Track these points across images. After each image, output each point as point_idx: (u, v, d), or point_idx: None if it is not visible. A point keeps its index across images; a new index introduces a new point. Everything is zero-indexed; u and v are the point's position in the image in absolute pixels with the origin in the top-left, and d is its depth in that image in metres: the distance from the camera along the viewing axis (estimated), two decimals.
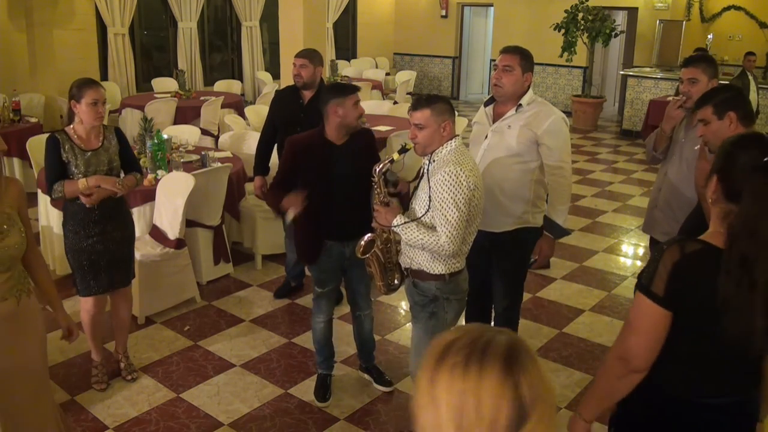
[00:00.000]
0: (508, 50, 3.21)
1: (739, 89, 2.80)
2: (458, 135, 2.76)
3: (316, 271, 3.44)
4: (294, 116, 4.27)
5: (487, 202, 3.13)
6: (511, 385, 0.80)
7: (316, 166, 3.23)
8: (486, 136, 3.28)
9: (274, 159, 4.60)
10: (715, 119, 2.62)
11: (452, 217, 2.59)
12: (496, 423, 0.78)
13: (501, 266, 3.42)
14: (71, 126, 3.41)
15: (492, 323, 3.65)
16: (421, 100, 2.73)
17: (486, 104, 3.36)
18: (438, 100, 2.72)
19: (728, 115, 2.58)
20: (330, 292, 3.52)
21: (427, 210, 2.67)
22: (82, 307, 3.59)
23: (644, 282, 1.75)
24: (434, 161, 2.71)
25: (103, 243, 3.45)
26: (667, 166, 3.34)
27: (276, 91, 4.62)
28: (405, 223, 2.71)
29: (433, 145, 2.71)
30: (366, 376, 3.75)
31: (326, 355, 3.61)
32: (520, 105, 3.17)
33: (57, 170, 3.33)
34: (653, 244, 3.49)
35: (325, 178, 3.20)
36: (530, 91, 3.21)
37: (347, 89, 3.25)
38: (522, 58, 3.16)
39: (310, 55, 4.33)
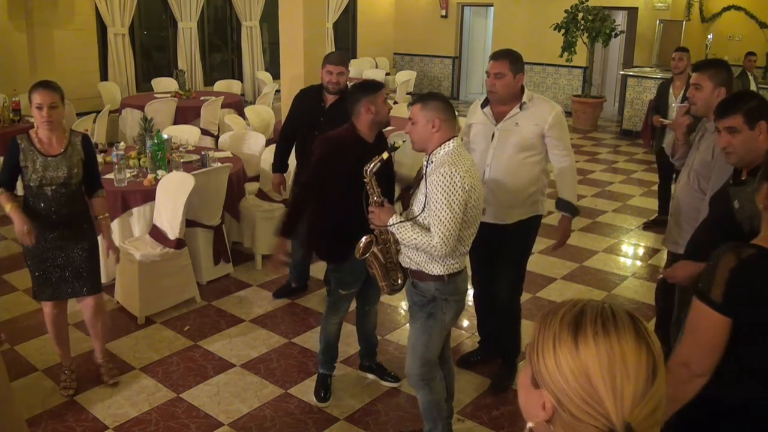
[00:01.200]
0: (496, 57, 3.32)
1: (763, 97, 2.66)
2: (456, 136, 2.75)
3: (346, 273, 3.37)
4: (314, 118, 4.22)
5: (501, 196, 3.37)
6: (645, 344, 0.95)
7: (353, 165, 3.08)
8: (493, 136, 3.38)
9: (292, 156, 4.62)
10: (746, 129, 2.45)
11: (445, 218, 2.59)
12: (638, 377, 0.93)
13: (510, 255, 3.54)
14: (34, 128, 3.32)
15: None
16: (418, 95, 2.77)
17: (483, 105, 3.47)
18: (433, 98, 2.72)
19: (759, 125, 2.42)
20: (353, 294, 3.49)
21: (422, 210, 2.67)
22: (43, 311, 3.53)
23: (703, 289, 1.74)
24: (432, 162, 2.71)
25: (60, 250, 3.37)
26: (681, 174, 3.29)
27: (300, 89, 4.58)
28: (400, 222, 2.71)
29: (426, 142, 2.71)
30: (369, 375, 3.76)
31: (332, 355, 3.60)
32: (524, 103, 3.32)
33: (6, 175, 3.32)
34: (670, 255, 3.42)
35: (360, 173, 3.01)
36: (526, 89, 3.36)
37: (376, 86, 3.25)
38: (511, 62, 3.27)
39: (346, 62, 4.29)
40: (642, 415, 0.93)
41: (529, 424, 1.01)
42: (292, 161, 4.59)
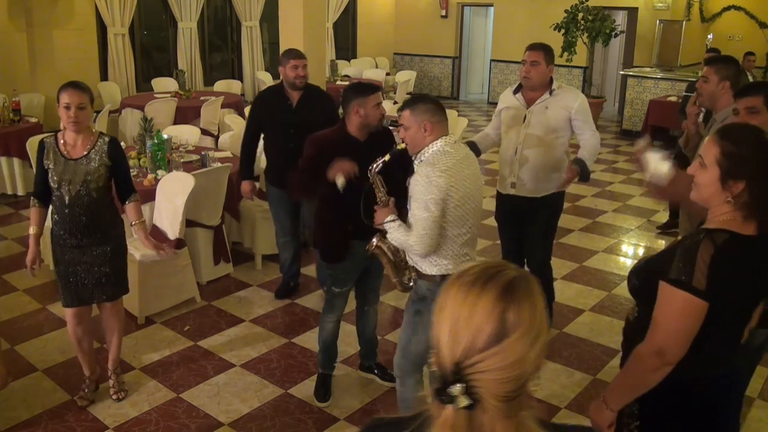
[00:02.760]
0: (533, 47, 3.78)
1: None
2: (447, 135, 2.70)
3: (339, 271, 3.38)
4: (286, 117, 4.25)
5: (531, 172, 3.83)
6: (500, 309, 1.03)
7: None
8: (524, 118, 3.81)
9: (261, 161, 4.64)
10: (765, 110, 2.61)
11: (420, 218, 2.61)
12: (480, 332, 1.03)
13: (540, 226, 4.01)
14: (62, 131, 3.26)
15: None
16: (405, 101, 2.80)
17: (515, 92, 3.91)
18: (420, 101, 2.73)
19: None
20: (347, 292, 3.50)
21: (409, 210, 2.71)
22: (67, 318, 3.44)
23: (682, 278, 1.77)
24: (421, 161, 2.73)
25: (80, 256, 3.27)
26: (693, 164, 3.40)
27: (258, 93, 4.59)
28: (390, 221, 2.76)
29: (419, 145, 2.72)
30: (369, 375, 3.76)
31: (331, 355, 3.60)
32: (553, 90, 3.79)
33: (38, 180, 3.27)
34: None
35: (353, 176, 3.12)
36: (554, 79, 3.83)
37: (368, 89, 3.23)
38: (545, 53, 3.76)
39: (305, 55, 4.34)
40: (485, 367, 1.02)
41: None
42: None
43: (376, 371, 3.74)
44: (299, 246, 4.76)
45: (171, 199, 4.39)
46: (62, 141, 3.24)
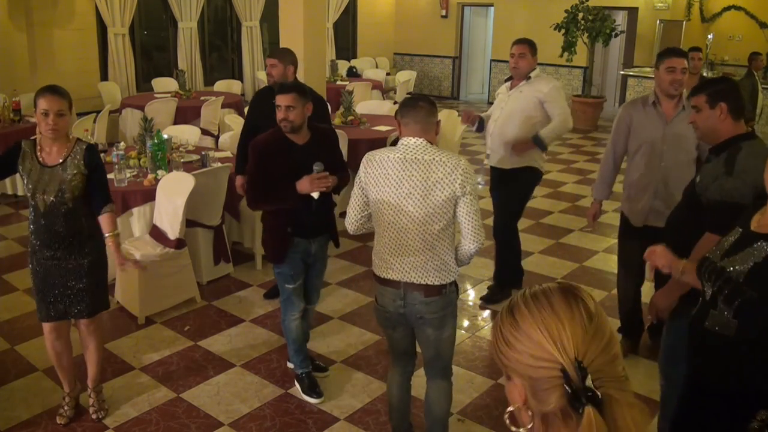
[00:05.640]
0: (520, 42, 4.36)
1: (735, 83, 2.89)
2: (412, 137, 2.63)
3: (288, 269, 3.45)
4: (270, 117, 4.25)
5: (501, 146, 4.38)
6: (572, 296, 1.10)
7: (280, 164, 3.27)
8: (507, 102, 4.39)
9: None
10: (707, 108, 2.69)
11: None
12: (573, 322, 1.06)
13: (503, 194, 4.58)
14: (39, 135, 3.10)
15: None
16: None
17: (506, 81, 4.52)
18: (403, 104, 2.75)
19: (719, 106, 2.65)
20: (300, 287, 3.53)
21: None
22: (44, 332, 3.29)
23: None
24: None
25: (56, 268, 3.12)
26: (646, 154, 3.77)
27: (256, 91, 4.59)
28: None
29: None
30: (320, 374, 3.76)
31: (304, 353, 3.62)
32: (529, 77, 4.33)
33: None
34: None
35: (289, 176, 3.23)
36: (537, 68, 4.37)
37: (284, 88, 3.30)
38: (530, 46, 4.35)
39: (280, 55, 4.29)
40: (594, 351, 1.03)
41: (510, 408, 1.11)
42: None
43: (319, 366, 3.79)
44: None
45: (171, 199, 4.39)
46: (39, 146, 3.08)
